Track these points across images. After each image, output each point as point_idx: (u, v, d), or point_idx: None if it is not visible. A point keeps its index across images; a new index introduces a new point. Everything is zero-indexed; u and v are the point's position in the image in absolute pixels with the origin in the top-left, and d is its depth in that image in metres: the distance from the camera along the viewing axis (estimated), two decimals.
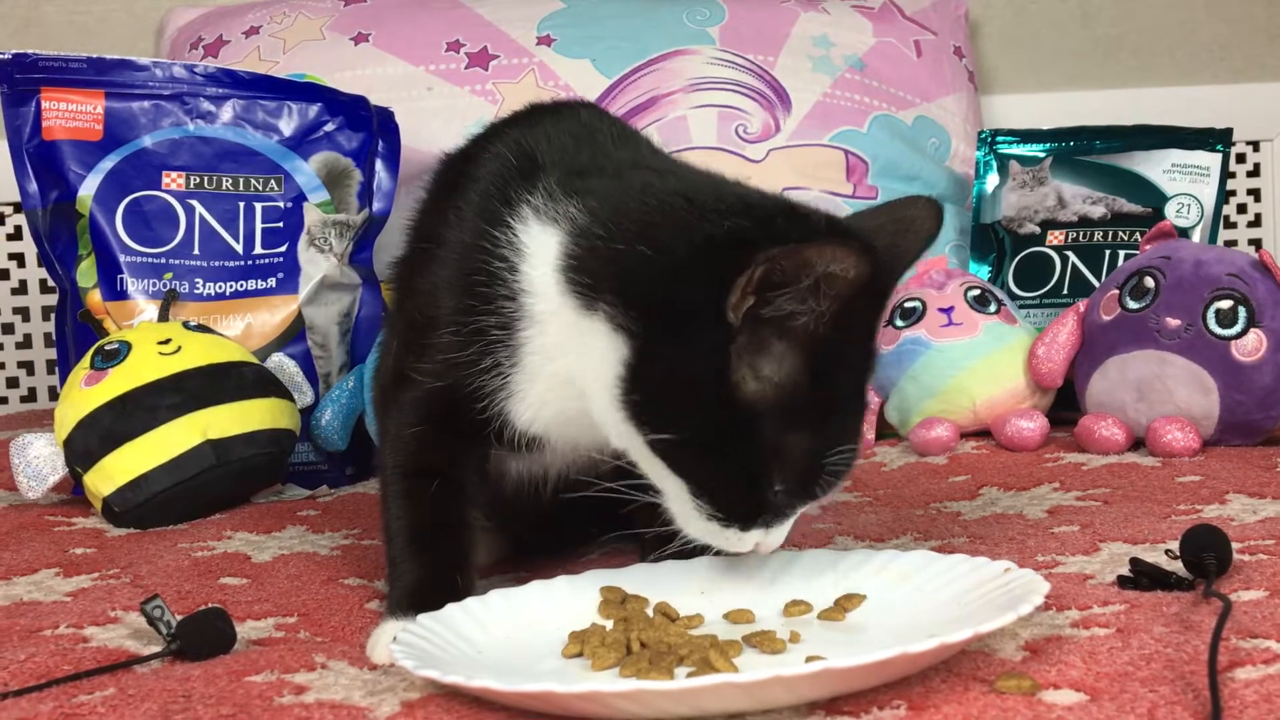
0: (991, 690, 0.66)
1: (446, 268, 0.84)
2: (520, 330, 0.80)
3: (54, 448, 1.22)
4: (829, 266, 0.70)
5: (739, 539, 0.78)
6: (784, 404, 0.74)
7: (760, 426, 0.74)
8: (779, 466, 0.75)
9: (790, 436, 0.74)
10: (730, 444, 0.74)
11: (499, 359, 0.81)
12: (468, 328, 0.81)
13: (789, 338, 0.73)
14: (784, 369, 0.73)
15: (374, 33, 1.77)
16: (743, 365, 0.73)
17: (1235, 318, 1.29)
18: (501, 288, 0.80)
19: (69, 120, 1.37)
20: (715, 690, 0.63)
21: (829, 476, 0.77)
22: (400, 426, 0.86)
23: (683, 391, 0.74)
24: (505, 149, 0.86)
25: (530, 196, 0.81)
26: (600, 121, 0.90)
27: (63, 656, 0.79)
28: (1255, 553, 0.88)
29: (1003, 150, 1.73)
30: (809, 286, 0.71)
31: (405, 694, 0.71)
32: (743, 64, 1.78)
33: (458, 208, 0.85)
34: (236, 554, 1.05)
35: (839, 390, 0.76)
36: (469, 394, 0.82)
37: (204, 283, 1.37)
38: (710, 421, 0.74)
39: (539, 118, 0.90)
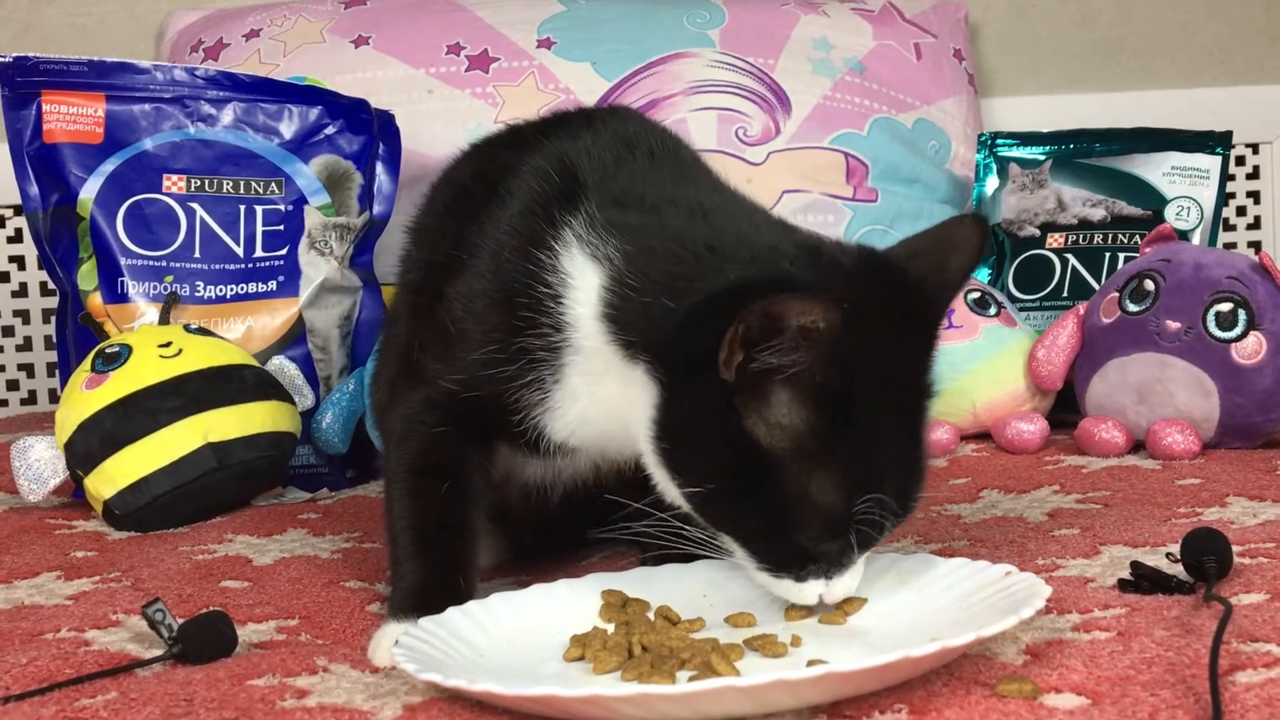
0: (993, 694, 0.66)
1: (487, 281, 0.83)
2: (565, 356, 0.80)
3: (55, 451, 1.22)
4: (799, 320, 0.70)
5: (798, 590, 0.77)
6: (803, 451, 0.73)
7: (782, 475, 0.73)
8: (808, 515, 0.74)
9: (815, 484, 0.73)
10: (757, 494, 0.74)
11: (542, 376, 0.81)
12: (513, 346, 0.81)
13: (790, 387, 0.72)
14: (793, 417, 0.73)
15: (374, 35, 1.77)
16: (751, 415, 0.73)
17: (1235, 320, 1.29)
18: (546, 316, 0.80)
19: (70, 123, 1.37)
20: (717, 694, 0.63)
21: (863, 525, 0.75)
22: (413, 425, 0.86)
23: (705, 443, 0.75)
24: (547, 164, 0.85)
25: (573, 220, 0.81)
26: (641, 134, 0.89)
27: (64, 660, 0.79)
28: (1256, 556, 0.89)
29: (1002, 153, 1.74)
30: (790, 340, 0.70)
31: (407, 697, 0.71)
32: (743, 67, 1.79)
33: (497, 220, 0.84)
34: (238, 557, 1.05)
35: (866, 431, 0.74)
36: (505, 405, 0.82)
37: (205, 286, 1.37)
38: (734, 472, 0.74)
39: (579, 130, 0.89)
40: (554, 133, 0.90)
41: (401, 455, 0.87)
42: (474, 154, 1.00)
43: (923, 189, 1.78)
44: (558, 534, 0.98)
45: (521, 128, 0.97)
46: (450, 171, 1.02)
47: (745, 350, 0.72)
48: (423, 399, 0.86)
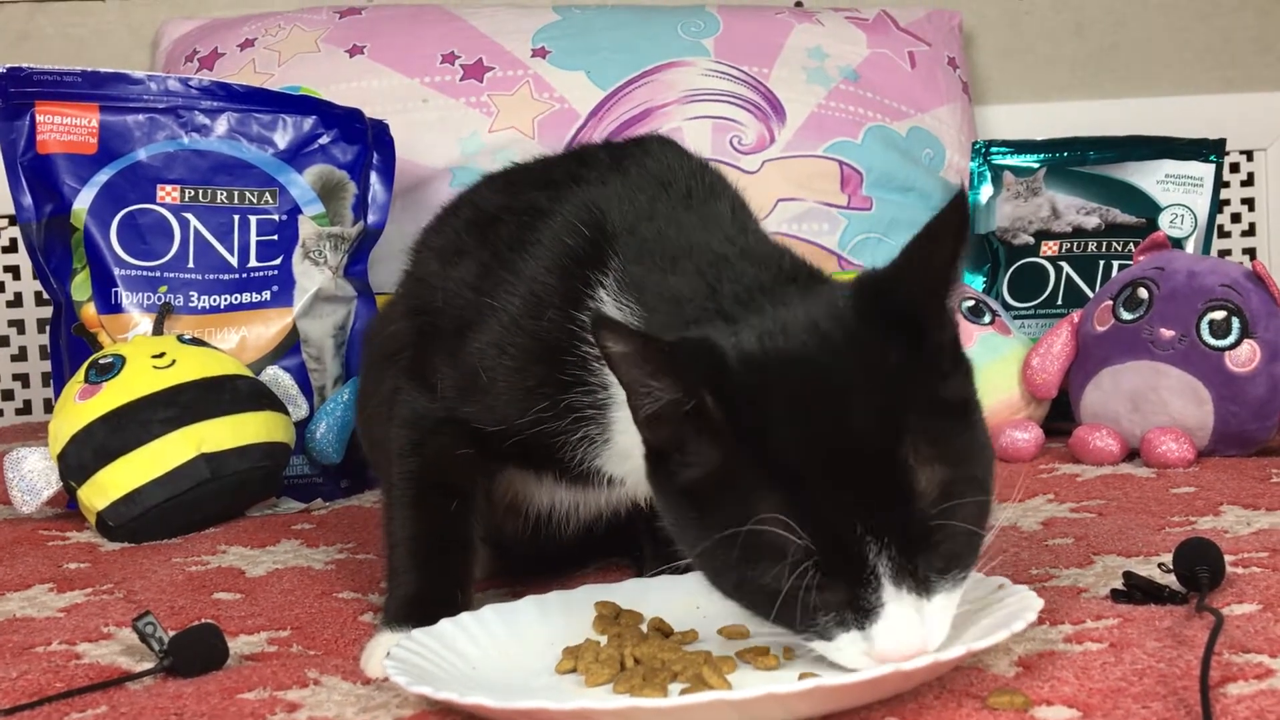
0: (984, 707, 0.66)
1: (526, 338, 0.82)
2: (611, 412, 0.80)
3: (48, 462, 1.22)
4: (614, 351, 0.68)
5: (837, 650, 0.68)
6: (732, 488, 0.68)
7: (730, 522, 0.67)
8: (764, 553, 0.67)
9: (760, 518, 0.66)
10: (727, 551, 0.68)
11: (590, 433, 0.81)
12: (561, 403, 0.80)
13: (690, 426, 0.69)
14: (700, 455, 0.69)
15: (369, 45, 1.77)
16: (676, 464, 0.71)
17: (1229, 329, 1.29)
18: (593, 375, 0.79)
19: (63, 134, 1.37)
20: (708, 708, 0.63)
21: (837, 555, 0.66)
22: (423, 440, 0.86)
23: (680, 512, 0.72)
24: (575, 216, 0.84)
25: (604, 280, 0.80)
26: (672, 173, 0.88)
27: (55, 674, 0.79)
28: (1249, 565, 0.88)
29: (997, 161, 1.74)
30: (636, 379, 0.68)
31: (398, 710, 0.71)
32: (737, 75, 1.79)
33: (531, 274, 0.83)
34: (230, 568, 1.05)
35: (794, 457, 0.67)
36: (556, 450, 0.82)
37: (198, 296, 1.37)
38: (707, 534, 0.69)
39: (608, 174, 0.87)
40: (583, 176, 0.87)
41: (406, 467, 0.87)
42: (501, 184, 0.97)
43: (917, 197, 1.78)
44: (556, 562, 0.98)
45: (552, 165, 0.95)
46: (471, 195, 0.98)
47: (633, 407, 0.70)
48: (436, 420, 0.86)
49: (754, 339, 0.71)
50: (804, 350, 0.70)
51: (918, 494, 0.67)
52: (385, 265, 1.40)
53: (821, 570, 0.66)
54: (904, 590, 0.67)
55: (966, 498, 0.69)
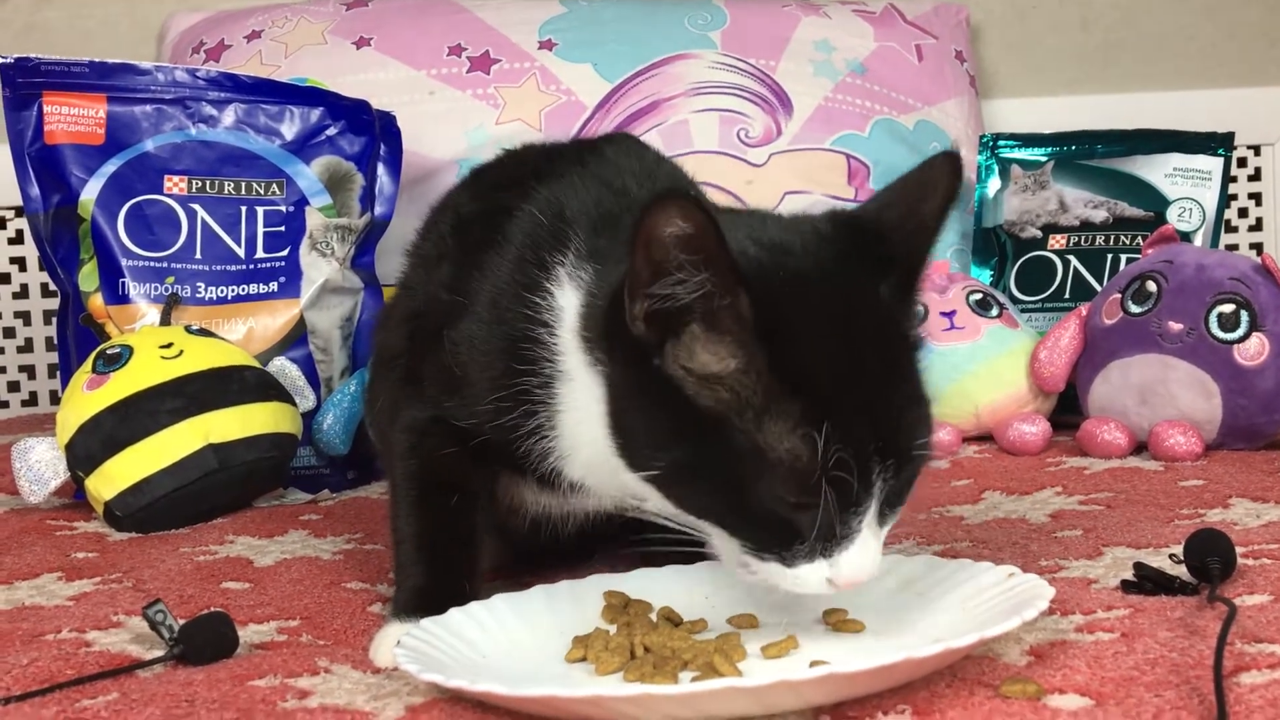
0: (996, 695, 0.66)
1: (488, 329, 0.83)
2: (556, 388, 0.79)
3: (56, 452, 1.22)
4: (666, 231, 0.66)
5: (795, 577, 0.70)
6: (743, 398, 0.68)
7: (730, 432, 0.68)
8: (769, 472, 0.68)
9: (766, 433, 0.68)
10: (714, 462, 0.70)
11: (540, 422, 0.81)
12: (513, 389, 0.80)
13: (704, 323, 0.69)
14: (719, 358, 0.69)
15: (376, 37, 1.77)
16: (678, 370, 0.70)
17: (1237, 322, 1.29)
18: (543, 350, 0.80)
19: (71, 124, 1.37)
20: (720, 694, 0.63)
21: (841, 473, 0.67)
22: (419, 442, 0.87)
23: (651, 419, 0.72)
24: (537, 209, 0.85)
25: (563, 259, 0.81)
26: (630, 160, 0.90)
27: (65, 661, 0.79)
28: (1259, 557, 0.88)
29: (1004, 154, 1.73)
30: (674, 260, 0.67)
31: (409, 698, 0.71)
32: (744, 68, 1.78)
33: (495, 268, 0.84)
34: (239, 558, 1.05)
35: (818, 368, 0.68)
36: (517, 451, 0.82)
37: (206, 287, 1.37)
38: (686, 443, 0.70)
39: (567, 167, 0.89)
40: (546, 172, 0.90)
41: (407, 468, 0.88)
42: (474, 186, 1.00)
43: None
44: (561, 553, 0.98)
45: (522, 164, 0.97)
46: (452, 199, 1.02)
47: (642, 295, 0.69)
48: (428, 421, 0.87)
49: (759, 249, 0.72)
50: (809, 268, 0.72)
51: (908, 426, 0.71)
52: (392, 257, 1.39)
53: (830, 491, 0.68)
54: (875, 519, 0.70)
55: (930, 436, 0.73)
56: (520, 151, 1.02)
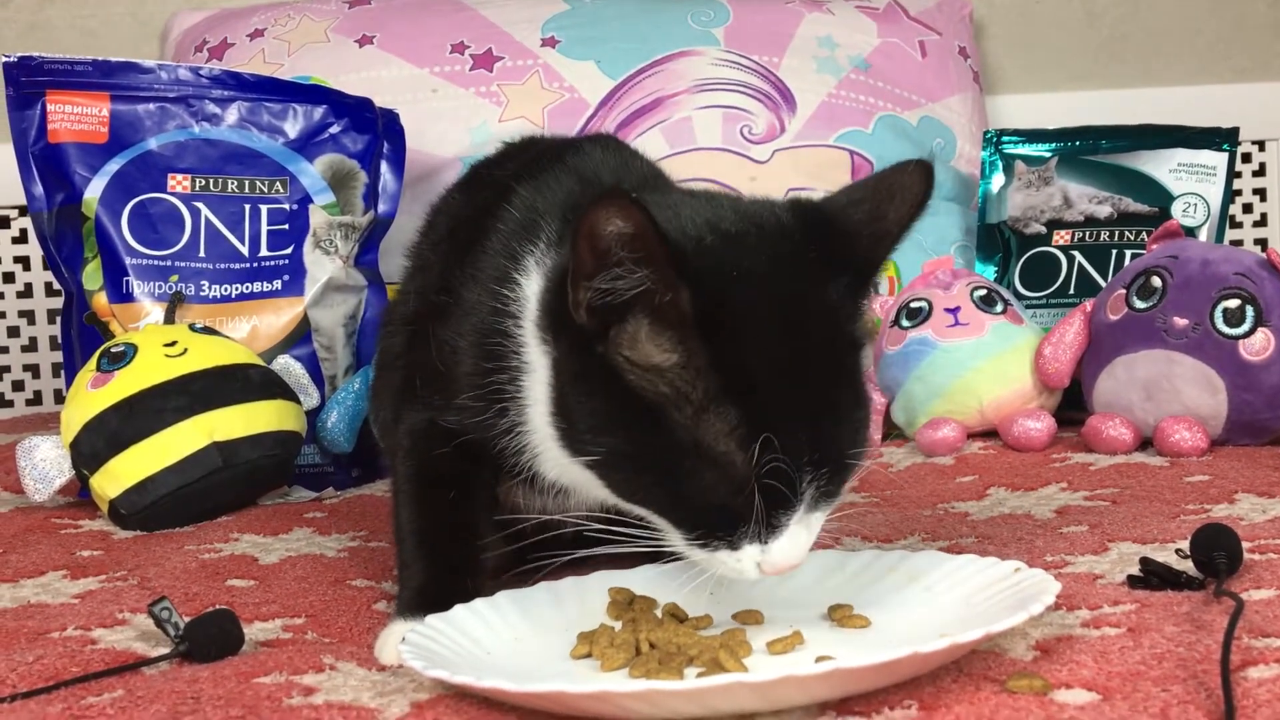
0: (1003, 690, 0.66)
1: (464, 324, 0.84)
2: (522, 380, 0.80)
3: (60, 450, 1.22)
4: (607, 229, 0.66)
5: (735, 560, 0.72)
6: (682, 393, 0.69)
7: (670, 425, 0.69)
8: (706, 467, 0.69)
9: (703, 430, 0.69)
10: (654, 453, 0.71)
11: (513, 419, 0.81)
12: (486, 388, 0.81)
13: (644, 315, 0.69)
14: (659, 351, 0.70)
15: (378, 35, 1.77)
16: (620, 361, 0.70)
17: (1243, 317, 1.29)
18: (511, 343, 0.80)
19: (74, 123, 1.37)
20: (726, 690, 0.62)
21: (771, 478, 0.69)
22: (417, 443, 0.87)
23: (591, 407, 0.72)
24: (515, 210, 0.86)
25: (533, 249, 0.81)
26: (609, 156, 0.90)
27: (70, 658, 0.79)
28: (1265, 552, 0.88)
29: (1008, 150, 1.73)
30: (617, 259, 0.67)
31: (414, 695, 0.71)
32: (747, 65, 1.78)
33: (475, 269, 0.85)
34: (243, 556, 1.05)
35: (758, 363, 0.69)
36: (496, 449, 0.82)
37: (210, 285, 1.37)
38: (627, 432, 0.71)
39: (549, 166, 0.90)
40: (527, 173, 0.90)
41: (407, 468, 0.88)
42: (468, 187, 1.01)
43: None
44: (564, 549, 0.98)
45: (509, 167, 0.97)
46: (444, 203, 1.03)
47: (584, 286, 0.70)
48: (426, 422, 0.87)
49: (713, 237, 0.72)
50: (761, 263, 0.72)
51: (852, 436, 0.72)
52: (396, 254, 1.39)
53: (759, 488, 0.69)
54: (804, 512, 0.72)
55: (866, 438, 0.74)
56: (517, 145, 1.03)
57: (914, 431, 1.42)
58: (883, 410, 1.46)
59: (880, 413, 1.46)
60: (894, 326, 1.47)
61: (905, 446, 1.42)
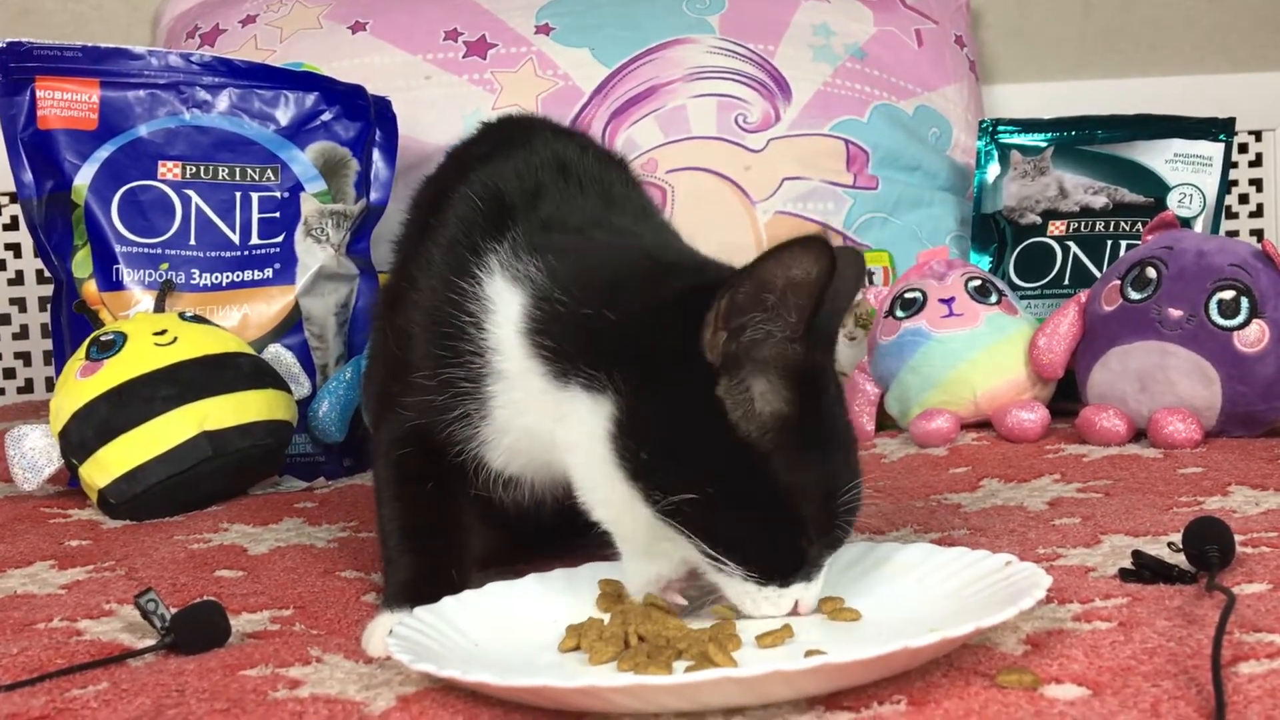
0: (993, 685, 0.65)
1: (419, 312, 0.84)
2: (488, 385, 0.80)
3: (49, 439, 1.22)
4: (790, 272, 0.69)
5: (779, 598, 0.75)
6: (786, 439, 0.72)
7: (772, 469, 0.72)
8: (801, 511, 0.73)
9: (802, 474, 0.73)
10: (750, 494, 0.73)
11: (468, 410, 0.81)
12: (438, 377, 0.81)
13: (770, 365, 0.72)
14: (774, 400, 0.73)
15: (371, 21, 1.76)
16: (736, 405, 0.72)
17: (1238, 308, 1.29)
18: (468, 343, 0.80)
19: (64, 109, 1.36)
20: (714, 685, 0.62)
21: (846, 516, 0.75)
22: (392, 441, 0.87)
23: (686, 447, 0.73)
24: (473, 191, 0.85)
25: (498, 248, 0.81)
26: (574, 153, 0.90)
27: (56, 650, 0.78)
28: (1258, 545, 0.88)
29: (1004, 140, 1.72)
30: (776, 302, 0.70)
31: (401, 688, 0.70)
32: (743, 53, 1.77)
33: (429, 252, 0.85)
34: (233, 546, 1.05)
35: (829, 418, 0.75)
36: (443, 437, 0.83)
37: (200, 273, 1.36)
38: (724, 473, 0.72)
39: (511, 150, 0.89)
40: (488, 155, 0.90)
41: (387, 461, 0.88)
42: (430, 177, 1.01)
43: (923, 176, 1.77)
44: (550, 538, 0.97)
45: (467, 154, 0.97)
46: (418, 195, 1.03)
47: (729, 325, 0.71)
48: (397, 422, 0.87)
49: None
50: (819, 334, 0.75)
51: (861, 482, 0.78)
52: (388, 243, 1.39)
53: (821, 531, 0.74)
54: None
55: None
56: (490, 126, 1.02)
57: (908, 422, 1.41)
58: (876, 401, 1.45)
59: (874, 404, 1.45)
60: (888, 317, 1.46)
61: (899, 437, 1.42)
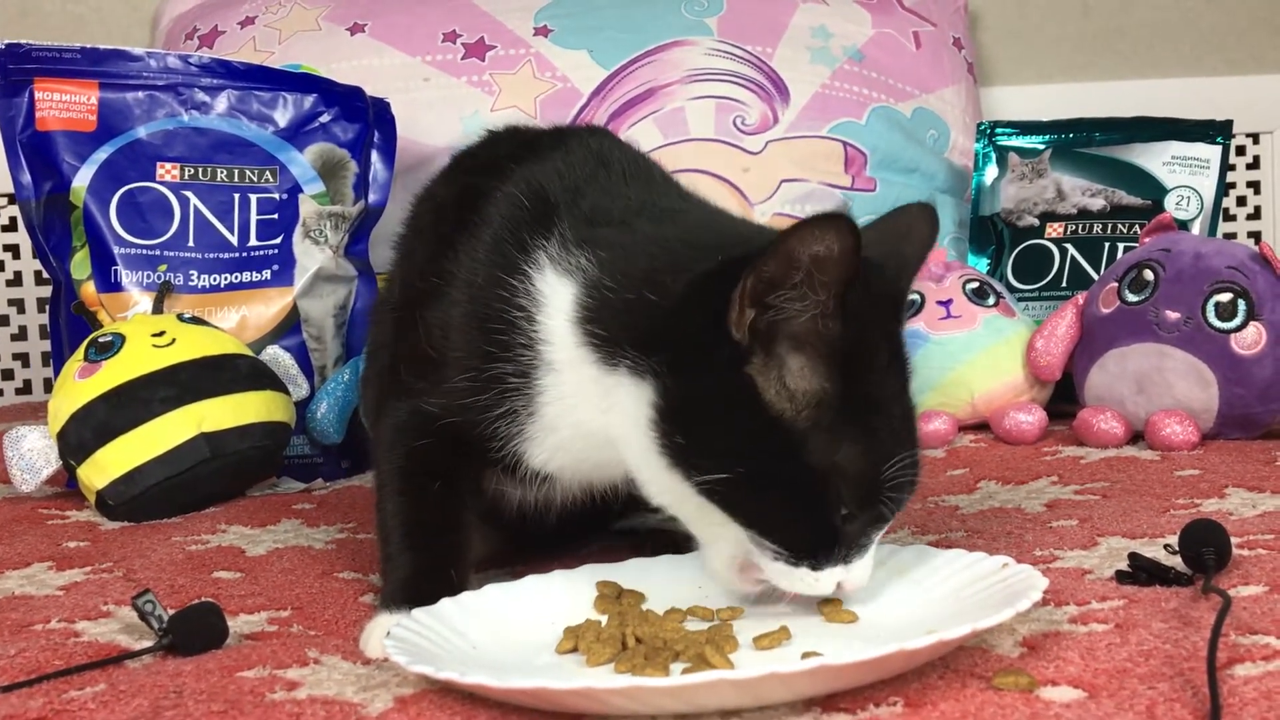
0: (989, 687, 0.65)
1: (460, 309, 0.83)
2: (538, 378, 0.80)
3: (48, 440, 1.22)
4: (812, 249, 0.69)
5: (814, 580, 0.74)
6: (823, 417, 0.72)
7: (807, 447, 0.72)
8: (838, 488, 0.72)
9: (841, 452, 0.72)
10: (782, 472, 0.72)
11: (515, 406, 0.81)
12: (485, 374, 0.81)
13: (803, 342, 0.72)
14: (809, 377, 0.72)
15: (370, 23, 1.76)
16: (769, 384, 0.72)
17: (1235, 311, 1.29)
18: (520, 336, 0.80)
19: (63, 111, 1.36)
20: (710, 686, 0.62)
21: (892, 492, 0.74)
22: (400, 435, 0.87)
23: (720, 426, 0.73)
24: (517, 190, 0.85)
25: (546, 243, 0.81)
26: (612, 152, 0.90)
27: (54, 651, 0.78)
28: (1254, 547, 0.88)
29: (1002, 142, 1.73)
30: (802, 280, 0.70)
31: (398, 689, 0.70)
32: (741, 55, 1.78)
33: (471, 249, 0.84)
34: (230, 547, 1.05)
35: (876, 393, 0.74)
36: (482, 434, 0.82)
37: (198, 275, 1.36)
38: (756, 453, 0.72)
39: (549, 152, 0.89)
40: (524, 157, 0.90)
41: (390, 460, 0.87)
42: (452, 173, 1.00)
43: (921, 178, 1.77)
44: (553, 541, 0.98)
45: (498, 150, 0.96)
46: (431, 188, 1.02)
47: (756, 304, 0.71)
48: (409, 411, 0.87)
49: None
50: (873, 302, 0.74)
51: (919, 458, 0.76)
52: (386, 244, 1.38)
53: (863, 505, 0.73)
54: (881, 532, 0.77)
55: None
56: (500, 133, 1.02)
57: None
58: None
59: None
60: None
61: None
